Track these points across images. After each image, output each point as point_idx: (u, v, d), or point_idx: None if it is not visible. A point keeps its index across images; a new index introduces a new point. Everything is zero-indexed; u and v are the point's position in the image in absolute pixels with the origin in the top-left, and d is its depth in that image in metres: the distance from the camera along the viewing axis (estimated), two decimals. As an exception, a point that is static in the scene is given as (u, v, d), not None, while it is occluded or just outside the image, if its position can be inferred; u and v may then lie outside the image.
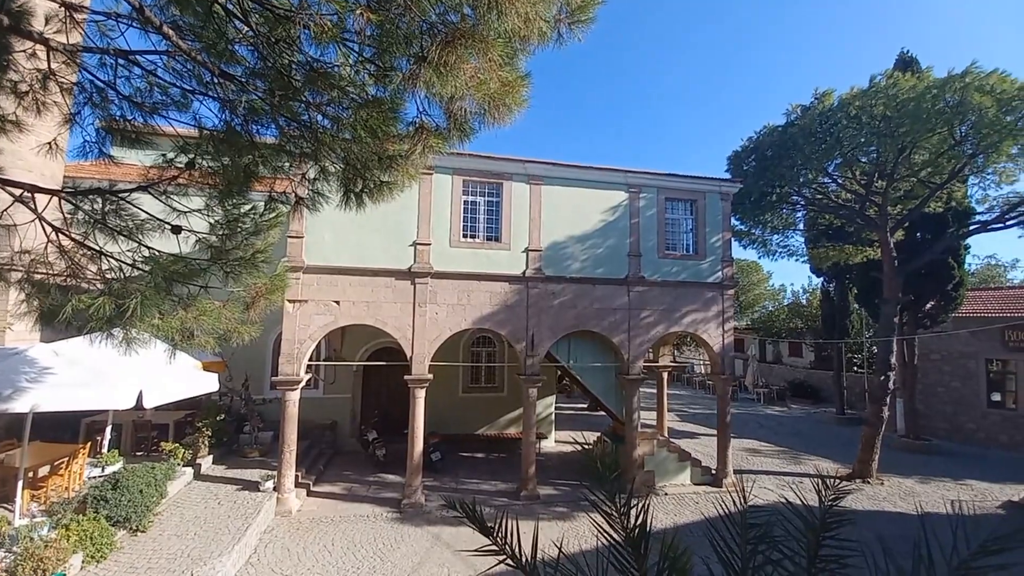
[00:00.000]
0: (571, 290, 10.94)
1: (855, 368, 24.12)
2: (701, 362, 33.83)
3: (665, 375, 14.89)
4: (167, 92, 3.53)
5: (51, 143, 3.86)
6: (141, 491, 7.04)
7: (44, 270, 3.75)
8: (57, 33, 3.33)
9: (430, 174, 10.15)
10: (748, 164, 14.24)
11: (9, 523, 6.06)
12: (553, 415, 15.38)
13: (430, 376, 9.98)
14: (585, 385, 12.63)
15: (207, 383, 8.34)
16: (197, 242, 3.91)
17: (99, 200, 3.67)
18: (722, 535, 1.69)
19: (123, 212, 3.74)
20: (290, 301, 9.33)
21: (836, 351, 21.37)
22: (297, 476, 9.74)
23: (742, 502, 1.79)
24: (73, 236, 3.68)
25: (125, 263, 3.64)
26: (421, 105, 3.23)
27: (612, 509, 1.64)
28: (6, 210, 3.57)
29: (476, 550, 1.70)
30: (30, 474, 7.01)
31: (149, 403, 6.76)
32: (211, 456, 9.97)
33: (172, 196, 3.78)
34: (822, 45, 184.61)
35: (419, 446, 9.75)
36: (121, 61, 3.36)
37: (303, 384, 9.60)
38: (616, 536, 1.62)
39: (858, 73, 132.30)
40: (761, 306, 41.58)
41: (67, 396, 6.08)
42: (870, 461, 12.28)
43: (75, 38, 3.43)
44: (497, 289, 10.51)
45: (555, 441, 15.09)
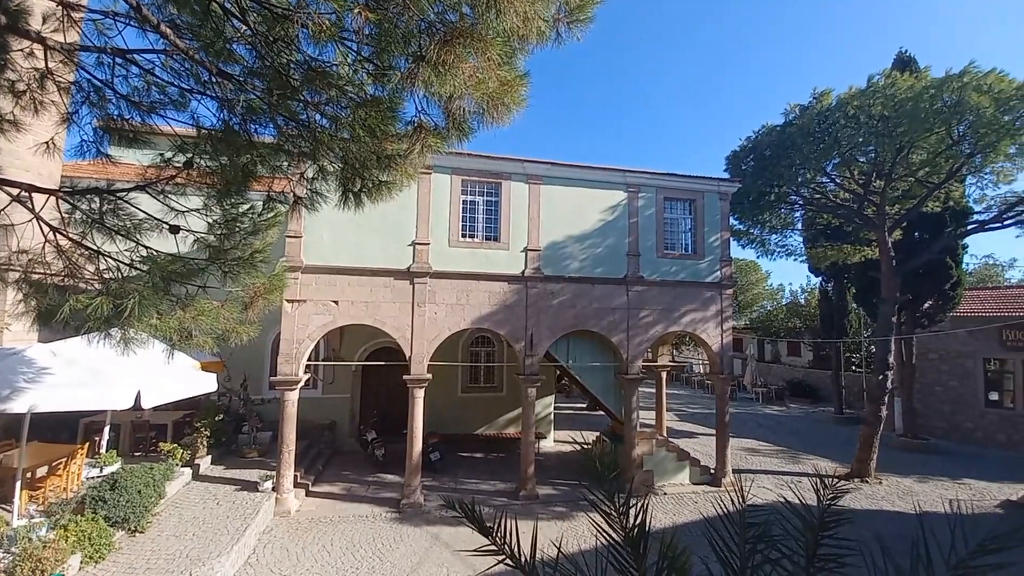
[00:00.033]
0: (570, 290, 10.94)
1: (853, 367, 24.18)
2: (700, 362, 33.88)
3: (664, 375, 14.90)
4: (165, 91, 3.52)
5: (48, 142, 3.85)
6: (139, 491, 7.03)
7: (42, 270, 3.74)
8: (54, 32, 3.33)
9: (429, 173, 10.15)
10: (747, 164, 14.25)
11: (7, 524, 6.05)
12: (552, 415, 15.39)
13: (429, 376, 9.98)
14: (584, 385, 12.64)
15: (205, 383, 8.34)
16: (195, 242, 3.90)
17: (97, 199, 3.66)
18: (721, 534, 1.69)
19: (121, 212, 3.73)
20: (288, 301, 9.32)
21: (834, 350, 21.43)
22: (296, 476, 9.73)
23: (741, 501, 1.79)
24: (71, 236, 3.68)
25: (123, 263, 3.63)
26: (420, 104, 3.23)
27: (611, 509, 1.64)
28: (3, 210, 3.56)
29: (475, 550, 1.70)
30: (28, 475, 6.99)
31: (147, 403, 6.75)
32: (210, 456, 9.96)
33: (170, 196, 3.77)
34: (821, 45, 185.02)
35: (418, 446, 9.75)
36: (119, 60, 3.35)
37: (302, 384, 9.58)
38: (615, 536, 1.62)
39: (857, 73, 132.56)
40: (760, 306, 41.60)
41: (65, 396, 6.07)
42: (868, 460, 12.31)
43: (72, 37, 3.42)
44: (496, 289, 10.51)
45: (554, 441, 15.10)
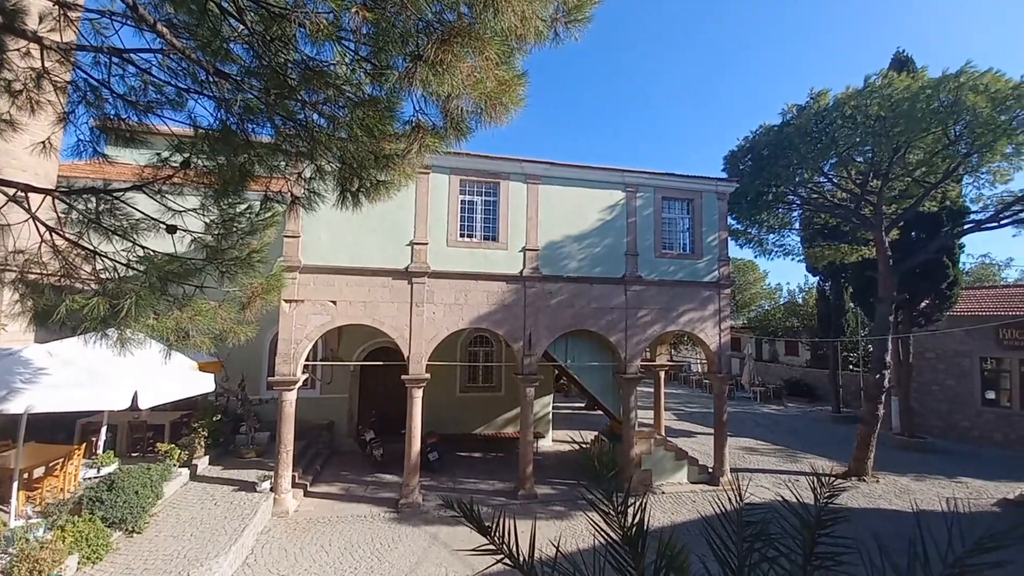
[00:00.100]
0: (568, 289, 10.94)
1: (851, 366, 24.25)
2: (698, 361, 33.96)
3: (662, 374, 14.91)
4: (162, 90, 3.51)
5: (45, 142, 3.83)
6: (137, 492, 7.02)
7: (38, 270, 3.72)
8: (51, 31, 3.31)
9: (427, 173, 10.14)
10: (744, 164, 14.26)
11: (4, 524, 6.03)
12: (551, 414, 15.41)
13: (427, 376, 9.97)
14: (582, 384, 12.65)
15: (203, 383, 8.31)
16: (192, 242, 3.88)
17: (93, 199, 3.65)
18: (719, 533, 1.69)
19: (118, 211, 3.72)
20: (286, 301, 9.30)
21: (832, 350, 21.48)
22: (294, 476, 9.71)
23: (738, 500, 1.79)
24: (67, 236, 3.66)
25: (120, 263, 3.62)
26: (417, 104, 3.22)
27: (609, 508, 1.64)
28: (0, 209, 3.55)
29: (474, 549, 1.69)
30: (25, 475, 6.97)
31: (144, 404, 6.73)
32: (207, 457, 9.93)
33: (167, 195, 3.76)
34: (820, 45, 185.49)
35: (416, 446, 9.75)
36: (115, 59, 3.34)
37: (300, 384, 9.57)
38: (613, 535, 1.62)
39: (855, 73, 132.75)
40: (757, 305, 41.72)
41: (62, 397, 6.04)
42: (865, 459, 12.35)
43: (69, 36, 3.41)
44: (494, 289, 10.51)
45: (552, 440, 15.11)
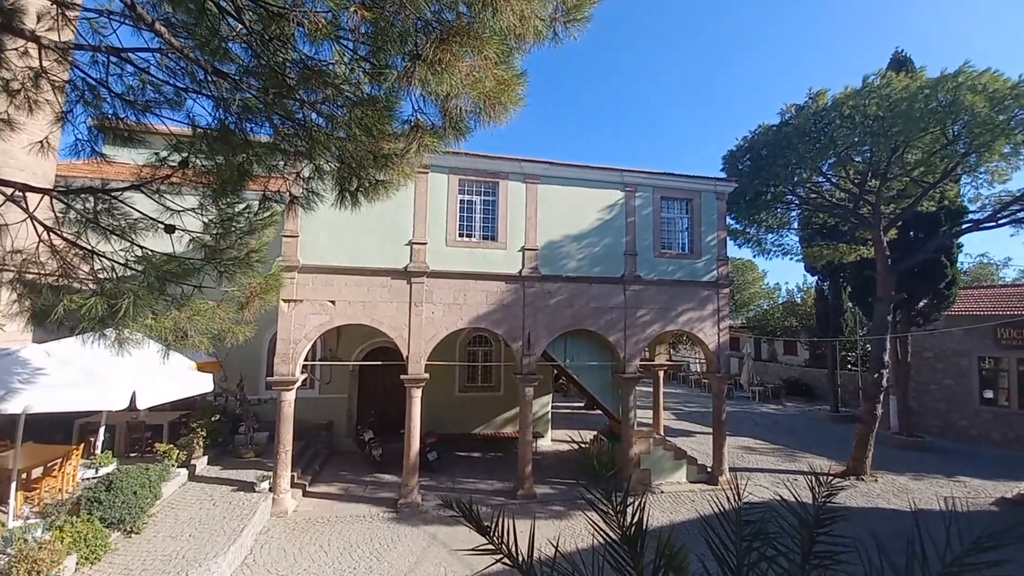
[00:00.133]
0: (567, 289, 10.94)
1: (849, 366, 24.30)
2: (697, 360, 33.97)
3: (661, 374, 14.93)
4: (160, 90, 3.50)
5: (43, 142, 3.82)
6: (135, 492, 7.01)
7: (36, 270, 3.71)
8: (49, 31, 3.30)
9: (426, 173, 10.14)
10: (743, 163, 14.28)
11: (3, 525, 6.02)
12: (549, 414, 15.41)
13: (426, 375, 9.97)
14: (582, 384, 12.65)
15: (201, 383, 8.30)
16: (191, 241, 3.87)
17: (91, 199, 3.63)
18: (717, 532, 1.69)
19: (116, 211, 3.71)
20: (285, 301, 9.29)
21: (830, 349, 21.52)
22: (293, 476, 9.71)
23: (737, 500, 1.79)
24: (65, 235, 3.65)
25: (118, 263, 3.61)
26: (416, 103, 3.22)
27: (608, 507, 1.64)
28: (-3, 209, 3.54)
29: (473, 549, 1.69)
30: (23, 475, 6.95)
31: (143, 404, 6.72)
32: (206, 457, 9.91)
33: (165, 195, 3.75)
34: (819, 45, 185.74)
35: (415, 446, 9.74)
36: (113, 59, 3.33)
37: (299, 384, 9.56)
38: (612, 534, 1.62)
39: (854, 73, 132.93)
40: (756, 305, 41.76)
41: (60, 397, 6.04)
42: (864, 458, 12.38)
43: (67, 36, 3.39)
44: (493, 288, 10.50)
45: (551, 440, 15.11)
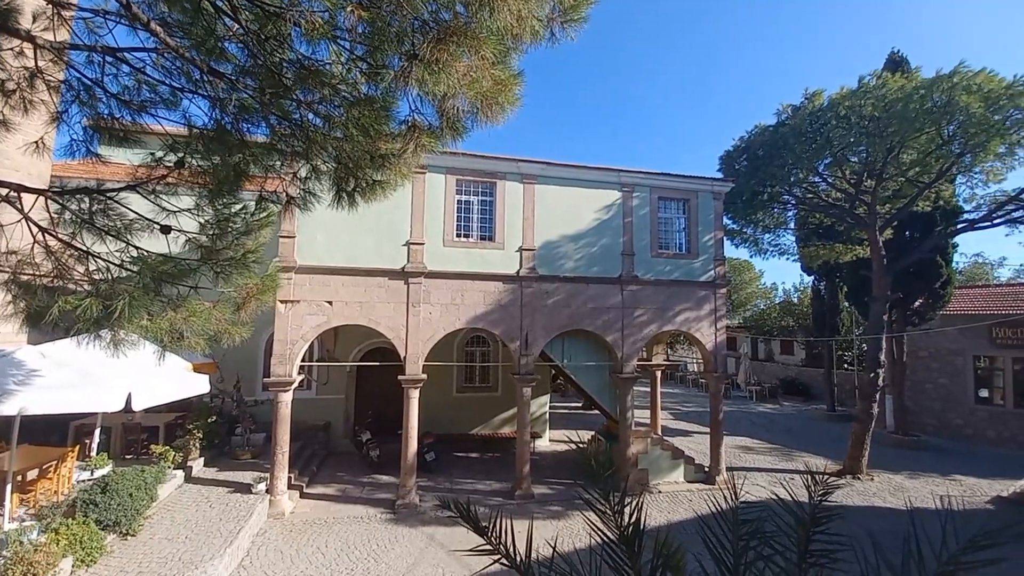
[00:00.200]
0: (565, 289, 10.95)
1: (845, 365, 24.42)
2: (694, 360, 34.04)
3: (658, 374, 14.95)
4: (156, 90, 3.49)
5: (38, 142, 3.79)
6: (131, 494, 6.97)
7: (31, 271, 3.69)
8: (44, 31, 3.28)
9: (423, 173, 10.13)
10: (740, 164, 14.34)
11: (-4, 528, 5.98)
12: (547, 414, 15.42)
13: (424, 376, 9.96)
14: (579, 384, 12.64)
15: (197, 385, 8.25)
16: (187, 242, 3.85)
17: (86, 200, 3.62)
18: (715, 532, 1.70)
19: (111, 212, 3.69)
20: (282, 302, 9.27)
21: (827, 349, 21.61)
22: (290, 478, 9.67)
23: (734, 499, 1.80)
24: (60, 236, 3.63)
25: (113, 263, 3.59)
26: (413, 103, 3.21)
27: (606, 507, 1.64)
28: (-9, 210, 3.51)
29: (471, 550, 1.69)
30: (18, 478, 6.89)
31: (138, 405, 6.68)
32: (202, 458, 9.88)
33: (161, 195, 3.73)
34: (816, 45, 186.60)
35: (413, 446, 9.73)
36: (109, 58, 3.31)
37: (296, 385, 9.54)
38: (610, 534, 1.62)
39: (850, 73, 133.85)
40: (753, 304, 41.91)
41: (55, 399, 5.99)
42: (860, 457, 12.43)
43: (62, 35, 3.37)
44: (491, 288, 10.50)
45: (549, 440, 15.12)
